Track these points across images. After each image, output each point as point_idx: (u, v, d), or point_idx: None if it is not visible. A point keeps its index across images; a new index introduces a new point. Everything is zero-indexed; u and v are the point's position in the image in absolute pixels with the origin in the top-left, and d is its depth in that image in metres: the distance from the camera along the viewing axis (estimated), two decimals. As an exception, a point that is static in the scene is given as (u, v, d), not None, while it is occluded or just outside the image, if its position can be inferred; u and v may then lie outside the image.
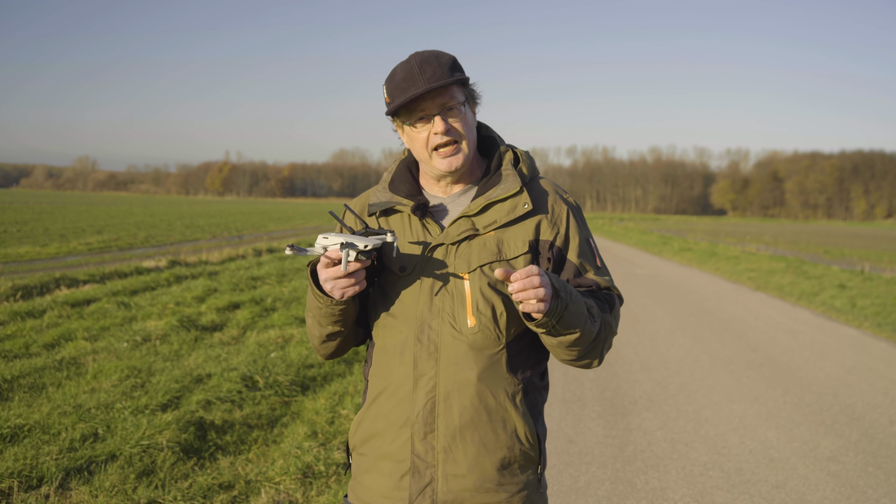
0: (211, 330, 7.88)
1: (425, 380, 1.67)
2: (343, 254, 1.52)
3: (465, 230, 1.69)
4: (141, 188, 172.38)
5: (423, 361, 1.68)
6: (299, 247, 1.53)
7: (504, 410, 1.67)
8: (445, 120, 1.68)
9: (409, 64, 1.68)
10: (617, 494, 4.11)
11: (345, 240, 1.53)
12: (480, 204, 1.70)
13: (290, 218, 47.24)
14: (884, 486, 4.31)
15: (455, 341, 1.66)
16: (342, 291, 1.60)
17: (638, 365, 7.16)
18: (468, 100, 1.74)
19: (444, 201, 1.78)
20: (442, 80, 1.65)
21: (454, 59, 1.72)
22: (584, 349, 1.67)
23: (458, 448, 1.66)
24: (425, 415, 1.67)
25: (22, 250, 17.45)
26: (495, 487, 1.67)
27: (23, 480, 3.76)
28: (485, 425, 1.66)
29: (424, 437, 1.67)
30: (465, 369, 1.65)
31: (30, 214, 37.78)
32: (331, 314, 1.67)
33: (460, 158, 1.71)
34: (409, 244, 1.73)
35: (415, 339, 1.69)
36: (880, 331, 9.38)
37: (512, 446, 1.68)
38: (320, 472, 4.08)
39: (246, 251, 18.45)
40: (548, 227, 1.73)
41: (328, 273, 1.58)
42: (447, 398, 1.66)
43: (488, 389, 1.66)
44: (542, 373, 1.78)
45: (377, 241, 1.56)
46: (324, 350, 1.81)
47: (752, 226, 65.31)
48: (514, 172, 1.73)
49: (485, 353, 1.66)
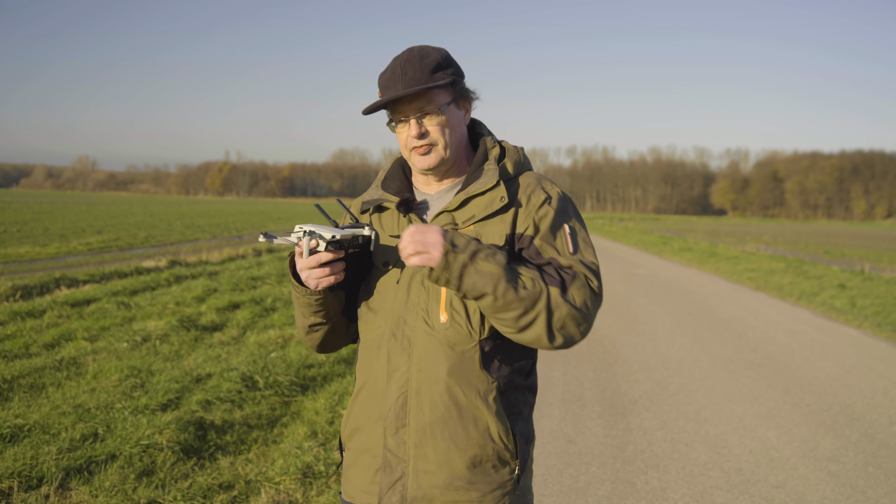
0: (211, 330, 7.88)
1: (398, 374, 1.68)
2: (305, 241, 1.55)
3: (445, 225, 1.70)
4: (141, 188, 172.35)
5: (396, 356, 1.69)
6: (270, 233, 1.57)
7: (475, 408, 1.65)
8: (420, 124, 1.70)
9: (396, 62, 1.71)
10: (617, 494, 4.11)
11: (312, 228, 1.56)
12: (460, 199, 1.71)
13: (290, 218, 47.21)
14: (884, 486, 4.31)
15: (428, 337, 1.66)
16: (316, 282, 1.63)
17: (638, 365, 7.16)
18: (456, 99, 1.74)
19: (431, 198, 1.80)
20: (418, 84, 1.66)
21: (441, 58, 1.71)
22: (511, 319, 1.56)
23: (428, 444, 1.65)
24: (397, 409, 1.67)
25: (22, 250, 17.45)
26: (466, 486, 1.65)
27: (23, 480, 3.76)
28: (455, 422, 1.65)
29: (396, 432, 1.67)
30: (437, 365, 1.65)
31: (30, 214, 37.78)
32: (308, 304, 1.71)
33: (432, 158, 1.72)
34: (391, 238, 1.75)
35: (390, 334, 1.70)
36: (880, 331, 9.37)
37: (483, 445, 1.65)
38: (320, 472, 4.08)
39: (246, 251, 18.45)
40: (524, 219, 1.71)
41: (301, 263, 1.63)
42: (418, 393, 1.66)
43: (458, 386, 1.65)
44: (526, 372, 1.75)
45: (349, 233, 1.59)
46: (310, 341, 1.84)
47: (752, 226, 65.30)
48: (495, 167, 1.73)
49: (457, 349, 1.65)
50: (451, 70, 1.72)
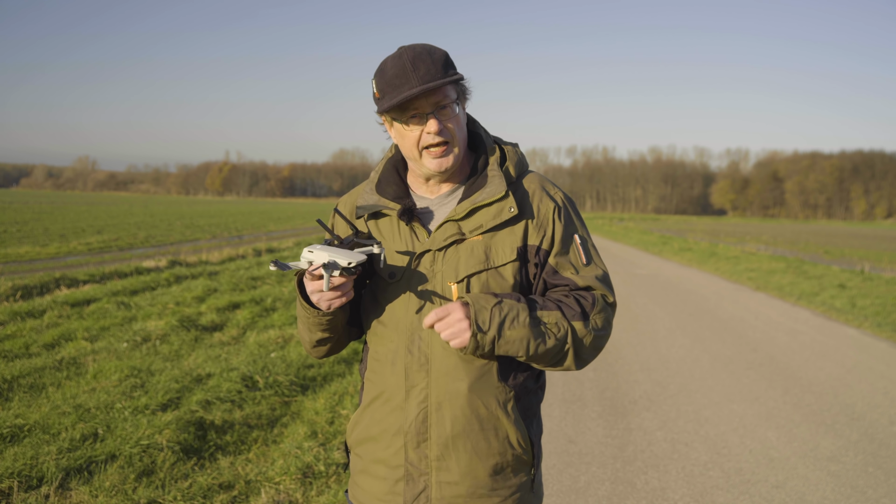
0: (211, 330, 7.88)
1: (417, 390, 1.67)
2: (325, 276, 1.52)
3: (452, 235, 1.67)
4: (141, 188, 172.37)
5: (413, 372, 1.67)
6: (284, 262, 1.54)
7: (496, 419, 1.66)
8: (439, 120, 1.64)
9: (400, 59, 1.62)
10: (617, 494, 4.11)
11: (328, 259, 1.52)
12: (466, 208, 1.67)
13: (290, 218, 47.21)
14: (884, 486, 4.31)
15: (445, 352, 1.65)
16: (328, 303, 1.61)
17: (638, 365, 7.15)
18: (460, 97, 1.70)
19: (432, 203, 1.75)
20: (437, 79, 1.60)
21: (447, 54, 1.68)
22: (544, 363, 1.65)
23: (450, 457, 1.66)
24: (418, 425, 1.67)
25: (22, 250, 17.45)
26: (488, 493, 1.67)
27: (23, 480, 3.76)
28: (477, 434, 1.66)
29: (417, 447, 1.67)
30: (456, 380, 1.65)
31: (30, 214, 37.77)
32: (319, 324, 1.69)
33: (451, 160, 1.68)
34: (397, 253, 1.71)
35: (405, 350, 1.68)
36: (880, 331, 9.37)
37: (504, 452, 1.68)
38: (320, 472, 4.08)
39: (246, 251, 18.44)
40: (534, 230, 1.69)
41: (313, 286, 1.60)
42: (439, 409, 1.66)
43: (480, 399, 1.65)
44: (536, 375, 1.76)
45: (362, 256, 1.55)
46: (316, 353, 1.82)
47: (751, 226, 65.29)
48: (500, 174, 1.69)
49: (475, 363, 1.65)
50: (454, 67, 1.69)
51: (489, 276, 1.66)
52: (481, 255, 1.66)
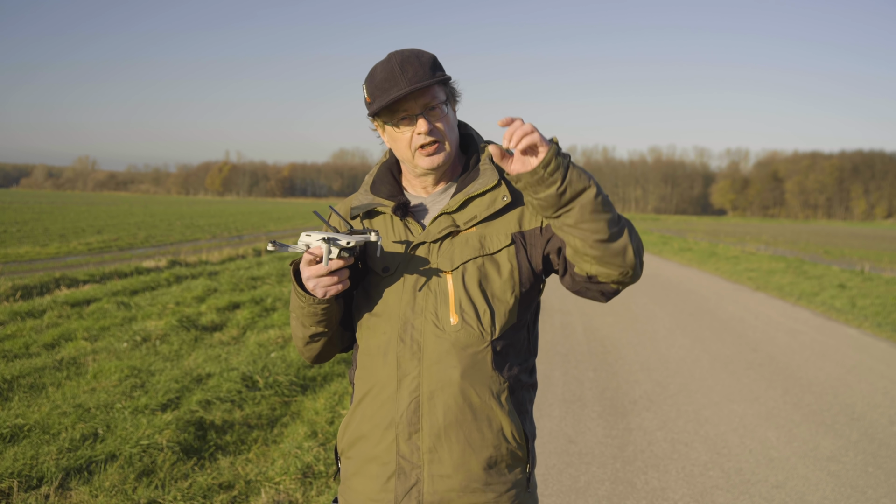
0: (211, 330, 7.88)
1: (409, 379, 1.66)
2: (325, 249, 1.52)
3: (446, 227, 1.69)
4: (141, 188, 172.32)
5: (406, 361, 1.66)
6: (282, 243, 1.55)
7: (489, 409, 1.65)
8: (428, 120, 1.67)
9: (389, 64, 1.66)
10: (617, 494, 4.11)
11: (327, 235, 1.54)
12: (459, 200, 1.69)
13: (290, 218, 47.23)
14: (884, 486, 4.31)
15: (438, 340, 1.64)
16: (325, 290, 1.60)
17: (638, 365, 7.16)
18: (449, 98, 1.73)
19: (426, 201, 1.78)
20: (424, 80, 1.63)
21: (434, 57, 1.71)
22: (610, 217, 1.56)
23: (443, 448, 1.64)
24: (409, 415, 1.65)
25: (22, 250, 17.45)
26: (482, 487, 1.65)
27: (23, 480, 3.76)
28: (470, 424, 1.64)
29: (409, 438, 1.65)
30: (449, 368, 1.64)
31: (30, 214, 37.78)
32: (313, 314, 1.67)
33: (442, 157, 1.70)
34: (392, 244, 1.72)
35: (398, 339, 1.67)
36: (880, 331, 9.37)
37: (498, 445, 1.66)
38: (320, 472, 4.08)
39: (246, 251, 18.46)
40: (531, 215, 1.70)
41: (311, 271, 1.59)
42: (431, 397, 1.64)
43: (472, 388, 1.64)
44: (530, 370, 1.75)
45: (361, 239, 1.57)
46: (308, 352, 1.80)
47: (751, 226, 65.30)
48: (492, 166, 1.72)
49: (468, 350, 1.64)
50: (443, 70, 1.73)
51: (485, 261, 1.67)
52: (476, 244, 1.68)
